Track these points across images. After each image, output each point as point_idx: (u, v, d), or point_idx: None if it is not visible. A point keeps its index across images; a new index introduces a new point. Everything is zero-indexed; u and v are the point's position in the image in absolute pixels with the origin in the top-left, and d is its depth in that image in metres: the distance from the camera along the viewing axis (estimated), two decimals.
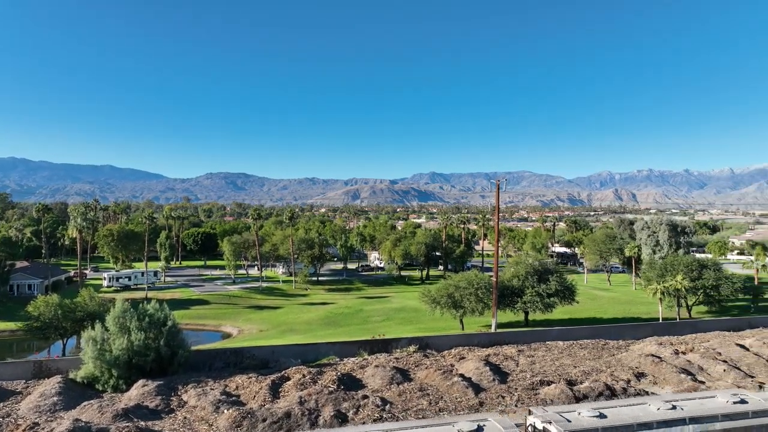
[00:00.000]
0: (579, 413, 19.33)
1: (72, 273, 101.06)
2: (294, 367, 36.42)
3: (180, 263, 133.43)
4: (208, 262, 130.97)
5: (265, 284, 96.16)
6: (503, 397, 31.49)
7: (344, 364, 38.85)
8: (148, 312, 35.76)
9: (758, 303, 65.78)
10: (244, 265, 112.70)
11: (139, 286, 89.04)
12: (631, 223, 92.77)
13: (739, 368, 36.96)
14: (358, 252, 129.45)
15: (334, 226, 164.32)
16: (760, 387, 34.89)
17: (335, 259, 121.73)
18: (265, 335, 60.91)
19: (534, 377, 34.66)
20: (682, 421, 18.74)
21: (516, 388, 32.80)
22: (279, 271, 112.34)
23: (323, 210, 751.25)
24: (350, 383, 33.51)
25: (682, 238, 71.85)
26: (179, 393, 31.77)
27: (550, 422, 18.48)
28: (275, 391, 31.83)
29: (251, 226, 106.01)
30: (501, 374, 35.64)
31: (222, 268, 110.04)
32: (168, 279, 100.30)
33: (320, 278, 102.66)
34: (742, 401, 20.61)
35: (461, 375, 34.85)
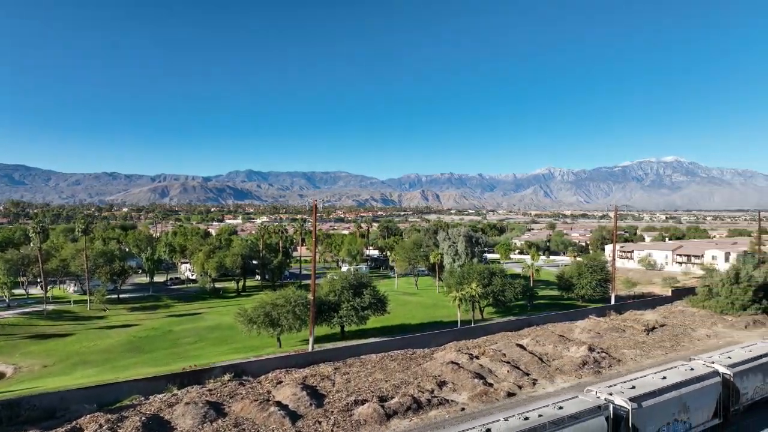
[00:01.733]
0: None
1: None
2: (88, 415, 32.17)
3: None
4: None
5: (51, 307, 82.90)
6: (320, 423, 32.02)
7: (150, 403, 35.60)
8: None
9: (534, 302, 77.51)
10: (22, 283, 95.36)
11: None
12: (435, 232, 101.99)
13: (519, 368, 43.04)
14: (167, 263, 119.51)
15: (138, 234, 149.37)
16: (534, 383, 41.24)
17: (140, 271, 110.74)
18: (50, 372, 52.66)
19: (349, 397, 35.91)
20: None
21: (332, 411, 33.63)
22: (70, 289, 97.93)
23: (125, 210, 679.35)
24: (157, 427, 30.90)
25: (476, 248, 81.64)
26: None
27: None
28: None
29: (32, 237, 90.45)
30: (318, 397, 36.19)
31: None
32: None
33: (121, 296, 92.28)
34: None
35: (278, 403, 34.58)
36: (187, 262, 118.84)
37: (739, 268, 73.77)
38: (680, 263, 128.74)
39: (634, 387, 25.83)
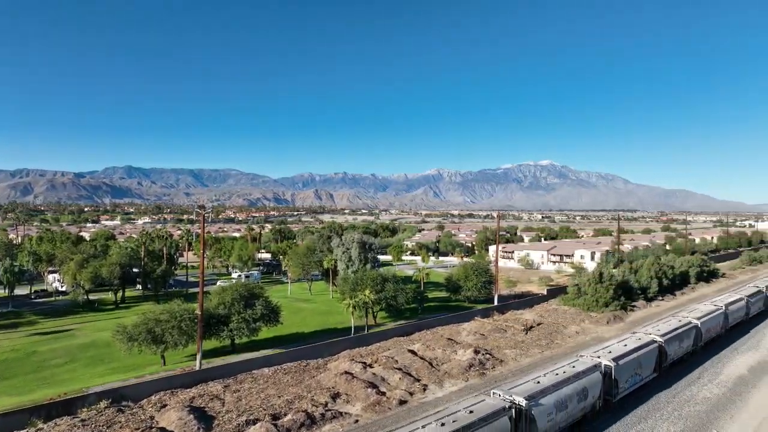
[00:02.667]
0: None
1: None
2: None
3: None
4: None
5: None
6: None
7: None
8: None
9: (424, 304, 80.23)
10: None
11: None
12: (329, 237, 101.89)
13: (410, 374, 44.26)
14: (31, 273, 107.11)
15: None
16: (425, 389, 42.69)
17: None
18: None
19: (240, 416, 34.73)
20: None
21: None
22: None
23: None
24: None
25: (369, 254, 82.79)
26: None
27: None
28: None
29: None
30: (207, 420, 34.60)
31: None
32: None
33: None
34: None
35: (162, 429, 32.60)
36: (55, 271, 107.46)
37: (602, 267, 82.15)
38: (554, 262, 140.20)
39: (611, 352, 36.68)
